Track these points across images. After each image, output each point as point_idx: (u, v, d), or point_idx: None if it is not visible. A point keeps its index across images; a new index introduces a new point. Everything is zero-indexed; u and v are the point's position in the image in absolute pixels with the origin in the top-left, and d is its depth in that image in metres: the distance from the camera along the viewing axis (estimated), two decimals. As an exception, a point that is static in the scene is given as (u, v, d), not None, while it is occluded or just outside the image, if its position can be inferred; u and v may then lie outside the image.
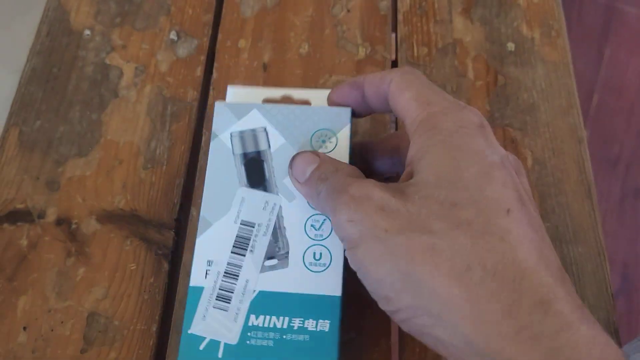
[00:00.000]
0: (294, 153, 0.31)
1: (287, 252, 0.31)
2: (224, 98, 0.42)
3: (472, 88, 0.42)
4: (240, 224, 0.31)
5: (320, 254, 0.31)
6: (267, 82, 0.42)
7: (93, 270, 0.36)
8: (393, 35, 0.45)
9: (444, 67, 0.43)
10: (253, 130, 0.33)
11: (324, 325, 0.30)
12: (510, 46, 0.44)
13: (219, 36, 0.45)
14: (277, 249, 0.31)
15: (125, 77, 0.43)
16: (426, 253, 0.23)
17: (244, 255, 0.31)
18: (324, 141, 0.33)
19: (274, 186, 0.32)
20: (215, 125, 0.34)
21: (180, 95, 0.42)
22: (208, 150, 0.39)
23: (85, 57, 0.43)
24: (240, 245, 0.31)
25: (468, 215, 0.24)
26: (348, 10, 0.45)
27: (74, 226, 0.37)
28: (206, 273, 0.31)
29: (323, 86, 0.42)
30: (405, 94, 0.28)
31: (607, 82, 1.23)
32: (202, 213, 0.32)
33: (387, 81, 0.29)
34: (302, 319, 0.30)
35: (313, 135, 0.33)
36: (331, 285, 0.30)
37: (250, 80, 0.42)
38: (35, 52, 0.44)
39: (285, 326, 0.30)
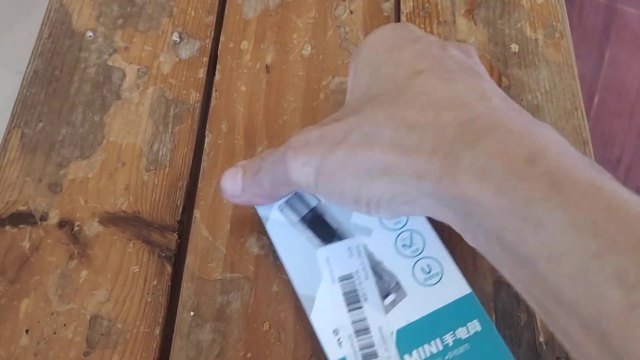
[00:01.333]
0: None
1: (397, 282, 0.30)
2: (226, 100, 0.42)
3: (475, 90, 0.42)
4: (339, 281, 0.31)
5: (428, 265, 0.31)
6: (269, 84, 0.42)
7: (96, 273, 0.36)
8: (396, 36, 0.45)
9: (448, 69, 0.42)
10: (296, 194, 0.33)
11: (475, 325, 0.29)
12: (514, 47, 0.43)
13: (222, 38, 0.44)
14: (386, 285, 0.30)
15: (128, 79, 0.42)
16: (363, 142, 0.26)
17: (361, 307, 0.30)
18: None
19: (347, 230, 0.32)
20: (261, 212, 0.33)
21: (183, 97, 0.42)
22: (211, 152, 0.39)
23: (87, 59, 0.43)
24: (352, 300, 0.30)
25: (383, 92, 0.27)
26: (351, 12, 0.45)
27: (76, 228, 0.37)
28: (339, 343, 0.30)
29: (326, 88, 0.42)
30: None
31: (607, 83, 1.23)
32: (299, 292, 0.31)
33: None
34: (452, 332, 0.29)
35: None
36: (456, 287, 0.30)
37: (253, 81, 0.42)
38: (38, 54, 0.43)
39: (441, 348, 0.29)
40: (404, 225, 0.32)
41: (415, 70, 0.27)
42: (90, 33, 0.44)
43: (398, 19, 0.45)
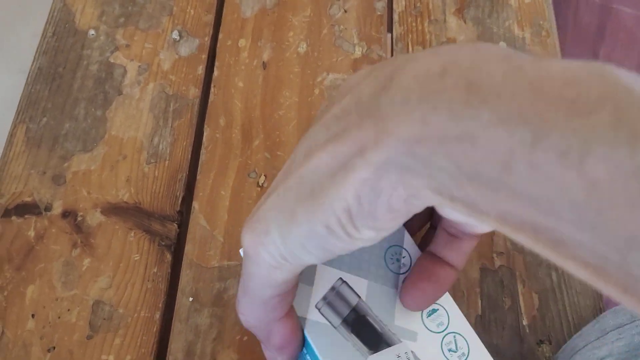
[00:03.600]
0: (383, 288, 0.29)
1: None
2: (224, 95, 0.43)
3: (464, 85, 0.43)
4: None
5: None
6: (266, 80, 0.44)
7: (98, 261, 0.37)
8: (389, 34, 0.46)
9: (438, 66, 0.44)
10: (334, 289, 0.28)
11: None
12: (502, 45, 0.45)
13: (220, 35, 0.46)
14: None
15: (129, 75, 0.44)
16: (307, 154, 0.22)
17: None
18: (398, 260, 0.30)
19: (392, 334, 0.28)
20: (297, 308, 0.27)
21: (182, 93, 0.43)
22: (209, 146, 0.41)
23: (90, 56, 0.45)
24: None
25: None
26: (345, 11, 0.47)
27: (79, 218, 0.39)
28: None
29: (320, 84, 0.43)
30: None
31: (603, 83, 1.24)
32: None
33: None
34: None
35: (385, 260, 0.30)
36: None
37: (250, 78, 0.44)
38: (42, 52, 0.45)
39: None
40: (446, 328, 0.30)
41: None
42: (92, 31, 0.46)
43: (391, 18, 0.47)
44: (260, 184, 0.40)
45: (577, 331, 0.34)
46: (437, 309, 0.30)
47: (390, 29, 0.47)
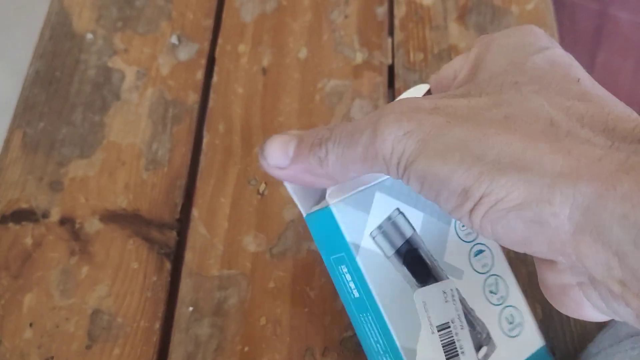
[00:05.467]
0: (437, 224, 0.29)
1: (488, 332, 0.29)
2: (224, 101, 0.43)
3: (466, 93, 0.43)
4: (438, 331, 0.28)
5: (512, 315, 0.30)
6: (266, 86, 0.43)
7: (96, 269, 0.37)
8: (390, 40, 0.46)
9: (439, 72, 0.44)
10: (390, 219, 0.28)
11: None
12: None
13: (219, 40, 0.46)
14: (479, 335, 0.29)
15: (128, 80, 0.43)
16: (500, 124, 0.20)
17: None
18: None
19: (440, 270, 0.28)
20: (348, 233, 0.27)
21: (181, 98, 0.43)
22: (209, 152, 0.40)
23: (87, 61, 0.44)
24: (451, 353, 0.28)
25: (534, 88, 0.21)
26: (346, 16, 0.46)
27: (77, 226, 0.38)
28: None
29: (321, 91, 0.43)
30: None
31: (599, 87, 1.24)
32: (399, 344, 0.27)
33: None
34: None
35: None
36: (534, 339, 0.30)
37: (250, 83, 0.43)
38: (38, 56, 0.44)
39: None
40: (490, 269, 0.30)
41: (572, 78, 0.22)
42: (90, 35, 0.45)
43: (391, 24, 0.46)
44: (261, 192, 0.39)
45: (580, 342, 0.34)
46: (484, 250, 0.30)
47: (391, 35, 0.46)
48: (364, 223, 0.27)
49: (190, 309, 0.36)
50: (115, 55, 0.45)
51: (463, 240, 0.30)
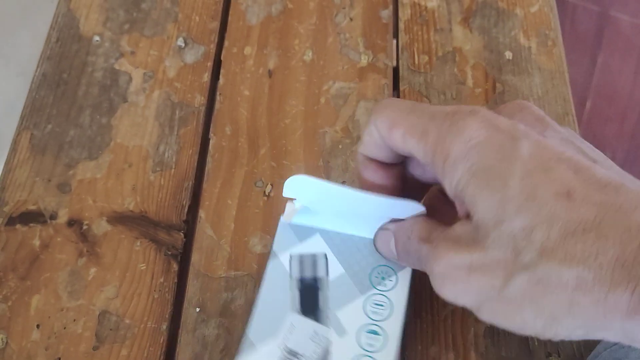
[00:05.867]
0: (352, 286, 0.31)
1: None
2: (230, 103, 0.43)
3: (471, 95, 0.43)
4: (285, 351, 0.30)
5: None
6: (272, 88, 0.44)
7: (104, 270, 0.37)
8: (394, 43, 0.46)
9: (444, 75, 0.44)
10: (313, 256, 0.32)
11: None
12: (508, 55, 0.45)
13: (225, 43, 0.46)
14: None
15: (134, 83, 0.44)
16: (539, 288, 0.23)
17: None
18: (383, 278, 0.32)
19: (326, 317, 0.30)
20: (276, 244, 0.33)
21: (188, 100, 0.43)
22: (215, 154, 0.41)
23: (94, 63, 0.44)
24: None
25: (544, 234, 0.23)
26: (351, 19, 0.47)
27: (85, 227, 0.38)
28: None
29: (327, 93, 0.43)
30: (394, 133, 0.27)
31: (599, 89, 1.25)
32: (247, 332, 0.30)
33: (373, 130, 0.29)
34: None
35: (373, 270, 0.32)
36: None
37: (256, 86, 0.44)
38: (46, 58, 0.45)
39: None
40: (373, 353, 0.30)
41: (561, 193, 0.23)
42: (97, 38, 0.46)
43: (396, 26, 0.47)
44: (267, 193, 0.40)
45: (585, 344, 0.34)
46: (379, 335, 0.30)
47: (396, 37, 0.47)
48: (292, 245, 0.33)
49: (197, 309, 0.36)
50: (122, 58, 0.45)
51: (366, 315, 0.31)
